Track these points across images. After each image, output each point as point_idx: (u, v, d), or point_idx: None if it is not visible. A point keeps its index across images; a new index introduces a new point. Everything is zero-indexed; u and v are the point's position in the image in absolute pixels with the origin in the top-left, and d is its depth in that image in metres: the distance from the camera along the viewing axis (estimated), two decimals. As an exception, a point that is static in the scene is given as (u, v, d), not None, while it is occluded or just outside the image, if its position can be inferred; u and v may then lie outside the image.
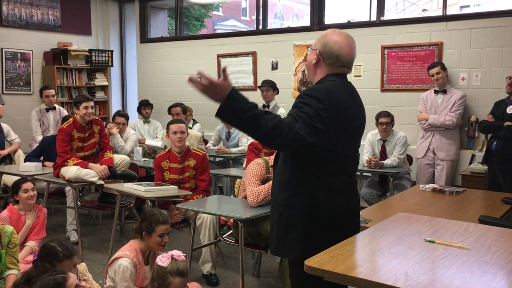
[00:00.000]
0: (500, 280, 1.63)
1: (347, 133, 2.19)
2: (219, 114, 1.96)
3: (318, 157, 2.14)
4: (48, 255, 2.56)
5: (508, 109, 4.30)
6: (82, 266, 2.88)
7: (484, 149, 5.03)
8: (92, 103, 4.62)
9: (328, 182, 2.15)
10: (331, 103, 2.06)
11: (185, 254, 2.68)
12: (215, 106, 1.95)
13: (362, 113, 2.31)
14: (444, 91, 5.07)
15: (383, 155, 5.08)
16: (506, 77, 4.43)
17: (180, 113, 5.78)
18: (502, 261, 1.79)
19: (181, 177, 4.20)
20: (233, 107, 1.93)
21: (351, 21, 6.15)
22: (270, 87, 5.80)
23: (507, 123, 4.21)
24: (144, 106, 6.57)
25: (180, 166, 4.20)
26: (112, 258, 2.85)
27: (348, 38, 2.23)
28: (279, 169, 2.28)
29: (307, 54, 2.39)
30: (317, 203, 2.14)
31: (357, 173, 2.50)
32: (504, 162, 4.26)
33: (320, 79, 2.22)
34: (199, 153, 4.29)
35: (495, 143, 4.35)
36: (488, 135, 4.76)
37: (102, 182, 4.41)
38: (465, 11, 11.17)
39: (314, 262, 1.79)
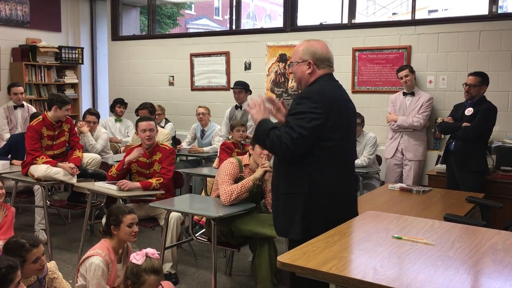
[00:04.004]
0: (462, 274, 1.71)
1: (341, 123, 2.44)
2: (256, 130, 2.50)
3: (315, 147, 2.38)
4: (14, 248, 2.52)
5: (466, 111, 4.52)
6: (52, 264, 2.85)
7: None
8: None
9: (323, 170, 2.39)
10: (322, 99, 2.37)
11: (159, 252, 2.69)
12: (188, 106, 1.99)
13: (350, 107, 2.58)
14: (412, 94, 5.21)
15: (353, 155, 5.18)
16: (463, 84, 4.60)
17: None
18: (464, 256, 1.88)
19: (148, 171, 4.19)
20: (263, 125, 2.46)
21: (323, 23, 6.24)
22: (242, 88, 5.79)
23: (464, 124, 4.44)
24: (120, 104, 6.49)
25: (148, 161, 4.20)
26: (84, 256, 2.83)
27: (323, 42, 2.57)
28: (279, 160, 2.54)
29: (291, 72, 2.71)
30: (314, 190, 2.38)
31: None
32: (461, 162, 4.49)
33: (312, 82, 2.50)
34: (166, 147, 4.28)
35: (453, 143, 4.57)
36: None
37: (74, 180, 4.34)
38: (433, 15, 11.46)
39: (287, 258, 1.84)
